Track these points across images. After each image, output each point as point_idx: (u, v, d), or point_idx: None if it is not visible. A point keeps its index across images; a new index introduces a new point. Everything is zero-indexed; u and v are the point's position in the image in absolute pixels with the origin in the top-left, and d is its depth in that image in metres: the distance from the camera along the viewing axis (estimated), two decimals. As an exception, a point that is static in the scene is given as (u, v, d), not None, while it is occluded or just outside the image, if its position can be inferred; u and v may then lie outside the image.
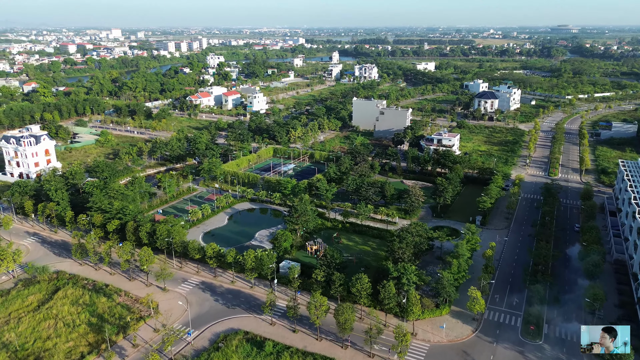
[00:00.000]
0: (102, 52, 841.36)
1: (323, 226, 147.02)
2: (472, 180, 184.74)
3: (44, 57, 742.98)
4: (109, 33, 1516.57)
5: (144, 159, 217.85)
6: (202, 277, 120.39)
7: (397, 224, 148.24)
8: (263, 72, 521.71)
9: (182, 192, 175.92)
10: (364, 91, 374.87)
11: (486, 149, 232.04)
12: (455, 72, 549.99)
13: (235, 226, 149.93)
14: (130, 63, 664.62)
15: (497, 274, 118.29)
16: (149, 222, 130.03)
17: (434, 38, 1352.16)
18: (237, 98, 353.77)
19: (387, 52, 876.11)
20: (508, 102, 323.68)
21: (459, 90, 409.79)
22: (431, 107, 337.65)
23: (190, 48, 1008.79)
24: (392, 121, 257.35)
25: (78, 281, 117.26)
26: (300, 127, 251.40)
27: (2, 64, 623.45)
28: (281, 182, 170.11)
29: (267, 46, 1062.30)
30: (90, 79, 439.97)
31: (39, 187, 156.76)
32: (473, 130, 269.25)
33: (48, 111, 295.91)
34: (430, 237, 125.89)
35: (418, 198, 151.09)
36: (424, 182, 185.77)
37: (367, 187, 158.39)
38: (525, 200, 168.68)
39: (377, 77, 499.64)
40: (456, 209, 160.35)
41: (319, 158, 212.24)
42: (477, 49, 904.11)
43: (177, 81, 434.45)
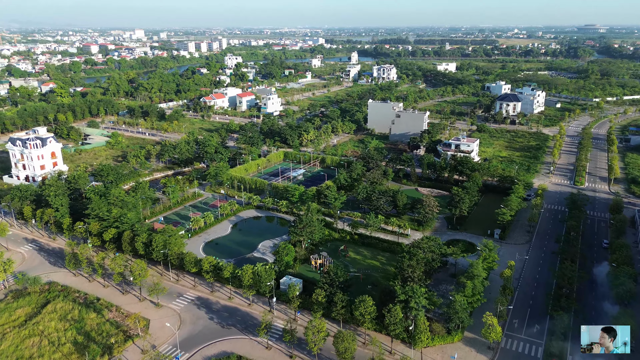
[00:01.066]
0: (124, 52, 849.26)
1: (330, 237, 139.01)
2: (492, 189, 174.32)
3: (66, 57, 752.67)
4: (132, 34, 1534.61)
5: (152, 162, 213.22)
6: (199, 291, 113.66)
7: (409, 236, 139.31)
8: (280, 72, 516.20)
9: (187, 198, 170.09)
10: (381, 92, 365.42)
11: (507, 155, 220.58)
12: (476, 73, 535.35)
13: (239, 236, 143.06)
14: (149, 63, 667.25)
15: (516, 296, 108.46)
16: (145, 232, 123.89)
17: (456, 38, 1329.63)
18: (252, 99, 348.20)
19: (407, 53, 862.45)
20: (531, 104, 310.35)
21: (480, 92, 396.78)
22: (450, 109, 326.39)
23: (210, 48, 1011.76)
24: (409, 124, 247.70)
25: (69, 294, 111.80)
26: (313, 130, 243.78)
27: (25, 64, 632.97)
28: (288, 189, 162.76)
29: (287, 46, 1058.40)
30: (107, 79, 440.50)
31: (39, 191, 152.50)
32: (494, 135, 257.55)
33: (62, 112, 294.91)
34: (443, 253, 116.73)
35: (432, 209, 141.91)
36: (439, 190, 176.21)
37: (378, 195, 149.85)
38: (549, 211, 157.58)
39: (395, 78, 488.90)
40: (473, 220, 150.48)
41: (330, 163, 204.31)
42: (500, 49, 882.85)
43: (192, 82, 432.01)
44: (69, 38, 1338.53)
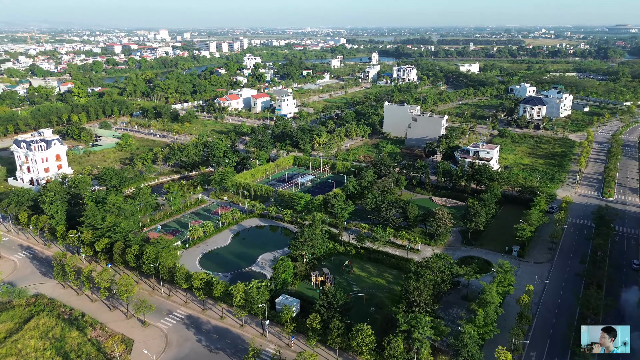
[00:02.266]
0: (146, 52, 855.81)
1: (334, 251, 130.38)
2: (512, 200, 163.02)
3: (89, 57, 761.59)
4: (157, 34, 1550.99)
5: (159, 165, 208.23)
6: (190, 309, 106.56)
7: (419, 251, 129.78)
8: (298, 73, 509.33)
9: (190, 204, 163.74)
10: (399, 94, 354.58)
11: (530, 163, 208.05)
12: (500, 75, 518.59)
13: (239, 247, 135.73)
14: (169, 63, 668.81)
15: (534, 325, 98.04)
16: (137, 244, 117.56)
17: (480, 38, 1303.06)
18: (267, 101, 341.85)
19: (429, 53, 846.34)
20: (557, 108, 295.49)
21: (504, 94, 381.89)
22: (471, 112, 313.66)
23: (231, 48, 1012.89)
24: (426, 129, 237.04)
25: (55, 308, 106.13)
26: (325, 134, 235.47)
27: (48, 64, 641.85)
28: (293, 197, 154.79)
29: (308, 47, 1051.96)
30: (124, 79, 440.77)
31: (37, 196, 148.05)
32: (516, 140, 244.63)
33: (76, 112, 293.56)
34: (455, 273, 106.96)
35: (445, 222, 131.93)
36: (455, 201, 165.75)
37: (387, 206, 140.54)
38: (573, 226, 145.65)
39: (416, 79, 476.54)
40: (490, 234, 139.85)
41: (340, 169, 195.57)
42: (526, 50, 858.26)
43: (209, 82, 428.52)
44: (95, 38, 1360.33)
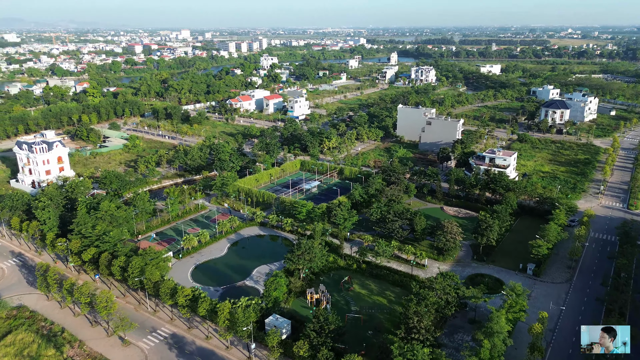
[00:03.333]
0: (165, 52, 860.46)
1: (334, 265, 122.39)
2: (529, 211, 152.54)
3: (110, 57, 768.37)
4: (179, 34, 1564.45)
5: (163, 168, 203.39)
6: (176, 327, 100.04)
7: (426, 267, 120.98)
8: (314, 74, 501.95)
9: (189, 210, 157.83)
10: (416, 96, 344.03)
11: (550, 170, 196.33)
12: (523, 76, 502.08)
13: (234, 258, 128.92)
14: (187, 63, 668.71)
15: (547, 358, 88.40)
16: (124, 255, 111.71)
17: (504, 38, 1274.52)
18: (279, 102, 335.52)
19: (450, 53, 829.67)
20: (582, 112, 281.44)
21: (525, 96, 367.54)
22: (490, 115, 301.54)
23: (250, 49, 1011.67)
24: (440, 133, 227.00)
25: (35, 322, 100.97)
26: (335, 137, 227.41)
27: (69, 63, 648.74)
28: (295, 204, 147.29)
29: (327, 47, 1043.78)
30: (139, 79, 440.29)
31: (32, 200, 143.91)
32: (537, 146, 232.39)
33: (87, 113, 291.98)
34: (462, 295, 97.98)
35: (454, 236, 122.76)
36: (468, 211, 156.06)
37: (393, 217, 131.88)
38: (595, 242, 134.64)
39: (434, 80, 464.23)
40: (504, 249, 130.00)
41: (348, 175, 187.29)
42: (551, 50, 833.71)
43: (223, 83, 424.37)
44: (119, 38, 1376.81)
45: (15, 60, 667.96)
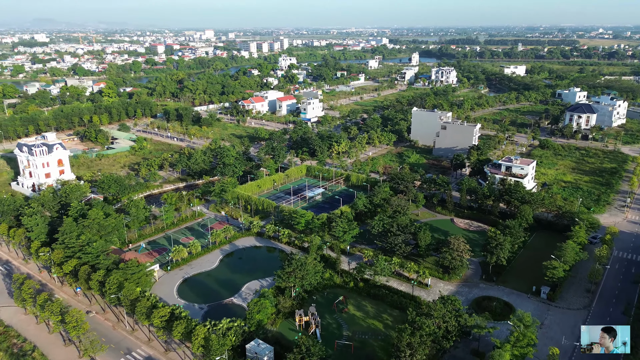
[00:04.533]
0: (187, 52, 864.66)
1: (330, 282, 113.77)
2: (546, 226, 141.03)
3: (132, 57, 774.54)
4: (202, 34, 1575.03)
5: (166, 172, 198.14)
6: (153, 349, 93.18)
7: (429, 287, 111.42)
8: (331, 74, 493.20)
9: (185, 218, 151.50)
10: (434, 98, 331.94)
11: (573, 180, 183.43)
12: (549, 77, 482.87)
13: (225, 271, 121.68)
14: (207, 64, 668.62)
15: (558, 400, 78.30)
16: (104, 268, 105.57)
17: (531, 38, 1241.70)
18: (293, 104, 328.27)
19: (474, 54, 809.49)
20: (610, 117, 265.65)
21: (550, 99, 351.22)
22: (511, 119, 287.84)
23: (271, 49, 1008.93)
24: (456, 138, 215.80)
25: (7, 338, 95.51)
26: (345, 141, 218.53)
27: (90, 63, 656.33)
28: (293, 214, 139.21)
29: (348, 47, 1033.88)
30: (154, 79, 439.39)
31: (24, 205, 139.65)
32: (559, 152, 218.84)
33: (98, 113, 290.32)
34: (463, 324, 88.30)
35: (461, 254, 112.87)
36: (480, 224, 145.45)
37: (396, 230, 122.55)
38: (619, 262, 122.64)
39: (455, 81, 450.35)
40: (517, 268, 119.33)
41: (355, 182, 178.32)
42: (580, 51, 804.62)
43: (239, 84, 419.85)
44: (144, 38, 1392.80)
45: (39, 60, 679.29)
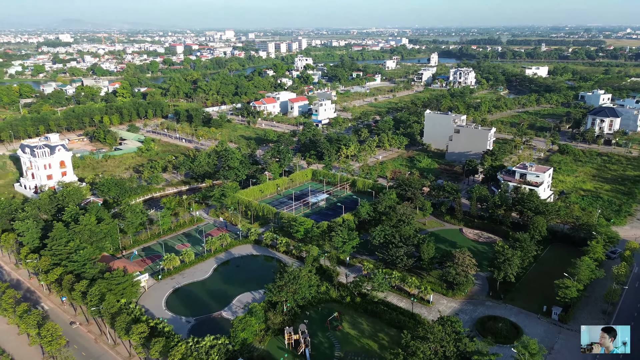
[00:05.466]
0: (205, 52, 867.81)
1: (326, 297, 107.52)
2: (562, 238, 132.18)
3: (151, 57, 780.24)
4: (222, 34, 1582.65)
5: (169, 175, 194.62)
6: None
7: (431, 304, 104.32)
8: (347, 75, 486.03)
9: (183, 223, 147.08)
10: (450, 100, 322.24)
11: (593, 188, 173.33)
12: (572, 79, 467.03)
13: (218, 282, 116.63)
14: (223, 64, 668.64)
15: None
16: (89, 278, 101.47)
17: (556, 38, 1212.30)
18: (305, 105, 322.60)
19: (495, 54, 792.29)
20: (635, 120, 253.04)
21: (572, 102, 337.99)
22: (530, 123, 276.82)
23: (289, 49, 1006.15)
24: (469, 142, 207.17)
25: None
26: (355, 144, 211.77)
27: (109, 63, 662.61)
28: (292, 222, 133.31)
29: (367, 47, 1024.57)
30: (168, 79, 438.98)
31: (19, 208, 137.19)
32: (579, 158, 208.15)
33: (109, 114, 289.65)
34: (463, 349, 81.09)
35: (466, 269, 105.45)
36: (490, 235, 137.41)
37: (398, 243, 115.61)
38: (639, 280, 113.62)
39: (473, 82, 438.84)
40: (527, 285, 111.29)
41: (361, 187, 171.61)
42: (606, 51, 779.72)
43: (252, 84, 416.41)
44: (165, 39, 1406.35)
45: (60, 60, 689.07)
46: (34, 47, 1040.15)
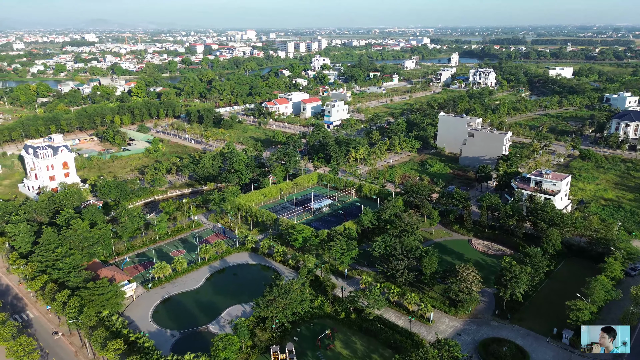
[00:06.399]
0: (224, 52, 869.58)
1: (320, 312, 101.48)
2: (578, 252, 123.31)
3: (171, 56, 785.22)
4: (244, 34, 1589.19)
5: (173, 177, 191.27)
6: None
7: (432, 323, 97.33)
8: (363, 75, 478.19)
9: (181, 228, 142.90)
10: (467, 102, 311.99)
11: (615, 197, 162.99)
12: (598, 80, 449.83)
13: (209, 292, 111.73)
14: (241, 64, 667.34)
15: None
16: (72, 287, 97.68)
17: (583, 38, 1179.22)
18: (318, 106, 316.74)
19: (519, 54, 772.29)
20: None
21: (597, 104, 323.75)
22: (550, 126, 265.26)
23: (308, 48, 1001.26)
24: (484, 146, 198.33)
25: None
26: (364, 147, 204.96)
27: (129, 63, 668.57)
28: (290, 230, 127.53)
29: (388, 47, 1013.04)
30: (183, 79, 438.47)
31: (14, 211, 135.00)
32: (602, 165, 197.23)
33: (121, 114, 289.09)
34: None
35: (470, 285, 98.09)
36: (501, 247, 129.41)
37: (398, 255, 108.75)
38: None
39: (494, 83, 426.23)
40: (537, 304, 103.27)
41: (367, 193, 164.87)
42: (635, 52, 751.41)
43: (267, 84, 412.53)
44: (187, 38, 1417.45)
45: (81, 60, 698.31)
46: (59, 47, 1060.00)
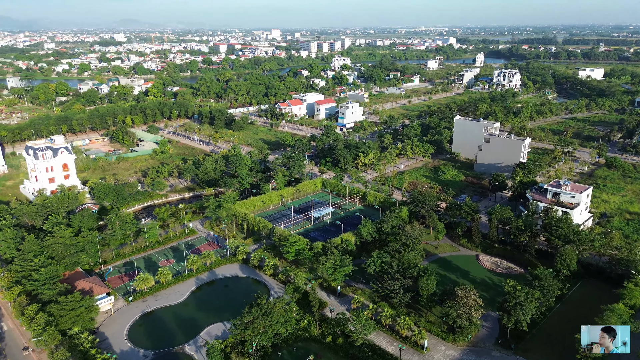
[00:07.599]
0: (247, 52, 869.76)
1: (305, 334, 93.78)
2: (596, 273, 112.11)
3: (194, 56, 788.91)
4: (269, 34, 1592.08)
5: (175, 180, 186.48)
6: (71, 406, 78.49)
7: (426, 351, 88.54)
8: (383, 76, 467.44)
9: (174, 236, 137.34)
10: (487, 105, 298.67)
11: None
12: (631, 82, 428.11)
13: (192, 307, 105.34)
14: (262, 63, 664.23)
15: None
16: (44, 300, 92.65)
17: (617, 38, 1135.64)
18: (332, 107, 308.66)
19: (548, 54, 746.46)
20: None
21: (628, 108, 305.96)
22: (575, 131, 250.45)
23: (331, 48, 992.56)
24: (500, 153, 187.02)
25: None
26: (374, 152, 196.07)
27: (151, 62, 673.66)
28: (282, 241, 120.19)
29: (412, 46, 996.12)
30: (200, 79, 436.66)
31: (2, 215, 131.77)
32: (629, 174, 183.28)
33: (133, 114, 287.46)
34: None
35: (469, 311, 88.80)
36: (511, 265, 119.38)
37: (394, 274, 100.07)
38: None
39: (518, 84, 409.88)
40: (546, 331, 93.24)
41: (372, 201, 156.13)
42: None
43: (283, 85, 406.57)
44: (213, 38, 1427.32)
45: (106, 59, 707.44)
46: (87, 46, 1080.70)
